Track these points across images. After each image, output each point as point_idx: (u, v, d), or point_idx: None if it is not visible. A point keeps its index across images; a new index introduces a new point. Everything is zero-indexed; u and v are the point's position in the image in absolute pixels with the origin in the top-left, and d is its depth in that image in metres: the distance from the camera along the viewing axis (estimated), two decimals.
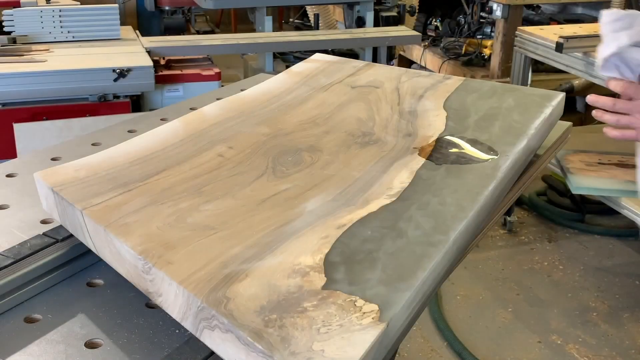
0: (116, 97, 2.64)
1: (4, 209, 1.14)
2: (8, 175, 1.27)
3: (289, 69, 1.57)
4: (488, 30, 4.60)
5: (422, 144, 1.16)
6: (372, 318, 0.71)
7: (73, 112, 2.50)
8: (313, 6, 4.62)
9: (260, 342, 0.68)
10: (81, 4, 3.16)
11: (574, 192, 2.84)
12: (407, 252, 0.84)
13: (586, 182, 2.72)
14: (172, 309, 0.80)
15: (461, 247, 0.94)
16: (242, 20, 6.72)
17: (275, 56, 3.41)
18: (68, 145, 1.44)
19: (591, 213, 3.57)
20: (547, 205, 3.62)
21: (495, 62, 4.25)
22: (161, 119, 1.57)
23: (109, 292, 0.96)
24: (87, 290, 0.97)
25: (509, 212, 3.41)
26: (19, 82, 2.51)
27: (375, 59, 3.43)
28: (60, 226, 1.02)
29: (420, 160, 1.09)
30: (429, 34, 4.97)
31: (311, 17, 4.68)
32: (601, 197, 2.82)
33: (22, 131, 2.13)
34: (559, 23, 4.06)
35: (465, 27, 4.73)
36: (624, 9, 4.34)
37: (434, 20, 5.00)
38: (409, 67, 1.49)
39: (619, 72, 1.09)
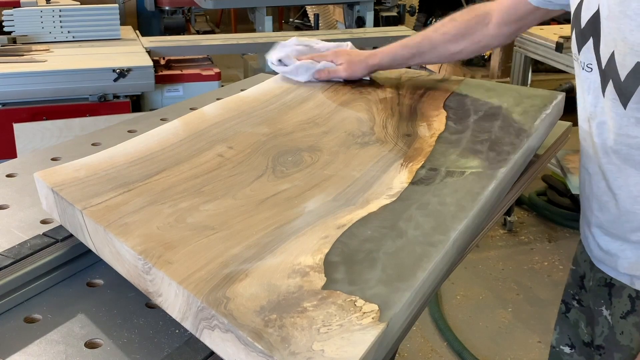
0: (116, 97, 2.64)
1: (4, 209, 1.14)
2: (8, 175, 1.27)
3: None
4: None
5: (422, 144, 1.16)
6: (372, 318, 0.71)
7: (73, 112, 2.50)
8: (313, 6, 4.62)
9: (260, 342, 0.68)
10: (81, 4, 3.16)
11: (574, 192, 2.84)
12: (407, 252, 0.84)
13: None
14: (172, 309, 0.80)
15: (461, 247, 0.94)
16: (242, 20, 6.71)
17: None
18: (68, 145, 1.44)
19: None
20: (547, 205, 3.62)
21: (495, 62, 4.25)
22: (161, 119, 1.57)
23: (109, 292, 0.96)
24: (87, 290, 0.97)
25: (509, 212, 3.41)
26: (19, 82, 2.51)
27: None
28: (60, 226, 1.02)
29: (420, 160, 1.09)
30: None
31: (311, 17, 4.69)
32: None
33: (22, 131, 2.13)
34: (559, 23, 4.06)
35: None
36: None
37: (434, 20, 5.00)
38: (409, 67, 1.50)
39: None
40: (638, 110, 1.07)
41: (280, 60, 1.47)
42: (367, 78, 1.49)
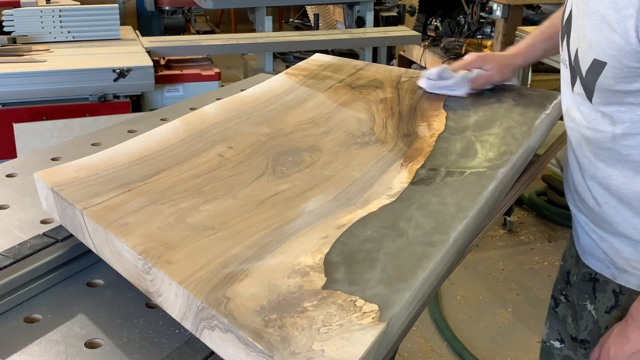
0: (116, 97, 2.63)
1: (4, 209, 1.14)
2: (8, 175, 1.27)
3: (289, 68, 1.57)
4: (488, 30, 4.59)
5: (422, 144, 1.16)
6: (372, 318, 0.71)
7: (73, 112, 2.50)
8: (313, 6, 4.62)
9: (260, 342, 0.68)
10: (81, 4, 3.16)
11: None
12: (407, 252, 0.84)
13: None
14: (172, 309, 0.80)
15: (461, 247, 0.94)
16: (242, 20, 6.71)
17: (275, 56, 3.40)
18: (68, 145, 1.44)
19: None
20: (547, 205, 3.62)
21: None
22: (161, 119, 1.57)
23: (109, 292, 0.96)
24: (87, 290, 0.97)
25: (509, 212, 3.41)
26: (19, 82, 2.51)
27: (375, 59, 3.43)
28: (60, 226, 1.02)
29: (420, 160, 1.09)
30: (429, 34, 4.96)
31: (311, 17, 4.69)
32: None
33: (22, 131, 2.13)
34: None
35: (465, 27, 4.73)
36: None
37: (434, 20, 5.00)
38: (409, 67, 1.50)
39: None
40: (602, 105, 1.11)
41: (440, 76, 1.41)
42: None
